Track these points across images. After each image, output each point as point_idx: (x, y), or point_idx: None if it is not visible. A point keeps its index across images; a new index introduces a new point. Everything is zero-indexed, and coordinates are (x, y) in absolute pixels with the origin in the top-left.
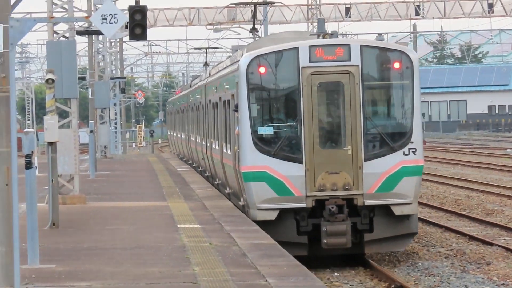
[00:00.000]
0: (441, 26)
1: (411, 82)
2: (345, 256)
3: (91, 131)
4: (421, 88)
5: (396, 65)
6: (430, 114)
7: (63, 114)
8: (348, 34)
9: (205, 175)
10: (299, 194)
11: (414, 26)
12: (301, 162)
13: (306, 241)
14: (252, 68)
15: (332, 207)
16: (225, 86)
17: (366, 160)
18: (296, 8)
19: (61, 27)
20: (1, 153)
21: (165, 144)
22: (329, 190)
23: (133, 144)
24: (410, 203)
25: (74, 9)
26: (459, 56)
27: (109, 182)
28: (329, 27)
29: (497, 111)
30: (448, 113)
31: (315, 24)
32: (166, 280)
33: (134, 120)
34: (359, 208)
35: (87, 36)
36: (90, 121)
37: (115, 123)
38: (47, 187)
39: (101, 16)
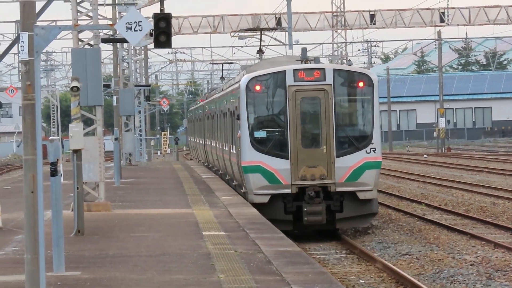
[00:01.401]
0: (466, 33)
1: (372, 98)
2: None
3: (116, 139)
4: (447, 95)
5: (361, 84)
6: (455, 121)
7: (88, 122)
8: (373, 41)
9: (219, 173)
10: (285, 183)
11: (439, 33)
12: (287, 158)
13: (291, 218)
14: (249, 86)
15: (311, 193)
16: (231, 100)
17: (337, 157)
18: (321, 15)
19: (86, 34)
20: (27, 160)
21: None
22: (309, 180)
23: (158, 151)
24: (371, 190)
25: (99, 17)
26: (484, 63)
27: (134, 189)
28: (354, 34)
29: None
30: (473, 120)
31: (339, 31)
32: (191, 287)
33: (158, 128)
34: (332, 193)
35: (111, 43)
36: (115, 129)
37: (140, 131)
38: (72, 195)
39: (126, 23)
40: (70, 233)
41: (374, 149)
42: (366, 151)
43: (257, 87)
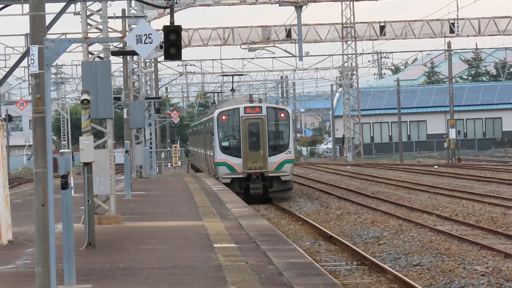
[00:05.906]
0: (476, 44)
1: (288, 122)
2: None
3: (126, 151)
4: (457, 106)
5: (282, 115)
6: (465, 131)
7: (98, 135)
8: (383, 52)
9: (205, 170)
10: (240, 171)
11: (449, 43)
12: (240, 157)
13: (243, 192)
14: (219, 116)
15: (254, 177)
16: (210, 123)
17: (269, 156)
18: (331, 27)
19: (96, 47)
20: (37, 173)
21: None
22: (253, 169)
23: (169, 164)
24: (288, 175)
25: (109, 30)
26: (494, 73)
27: (144, 202)
28: (364, 45)
29: None
30: (483, 131)
31: (349, 42)
32: None
33: (169, 140)
34: (266, 177)
35: (122, 56)
36: (125, 141)
37: (150, 143)
38: (83, 208)
39: (136, 36)
40: (81, 246)
41: (290, 152)
42: (285, 153)
43: (223, 117)
